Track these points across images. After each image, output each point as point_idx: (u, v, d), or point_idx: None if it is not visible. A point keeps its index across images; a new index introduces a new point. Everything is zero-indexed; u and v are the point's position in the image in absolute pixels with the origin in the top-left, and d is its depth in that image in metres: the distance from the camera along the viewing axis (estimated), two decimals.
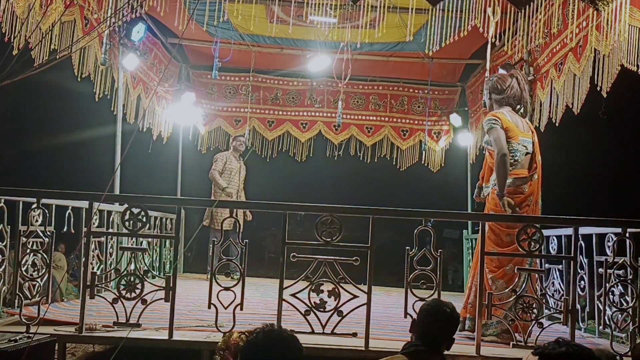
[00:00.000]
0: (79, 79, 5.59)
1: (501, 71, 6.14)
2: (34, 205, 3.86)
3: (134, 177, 8.33)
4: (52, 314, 4.07)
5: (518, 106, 4.41)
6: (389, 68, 8.20)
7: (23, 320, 3.68)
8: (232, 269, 6.93)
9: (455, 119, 8.26)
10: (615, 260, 3.95)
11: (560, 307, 3.84)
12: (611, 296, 3.98)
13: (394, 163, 8.72)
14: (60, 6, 4.82)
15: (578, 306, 4.48)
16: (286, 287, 3.70)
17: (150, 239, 6.37)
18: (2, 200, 3.99)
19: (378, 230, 3.86)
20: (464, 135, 8.34)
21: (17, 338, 3.03)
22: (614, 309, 4.01)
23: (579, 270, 4.35)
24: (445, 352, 2.73)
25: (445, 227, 13.98)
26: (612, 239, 3.99)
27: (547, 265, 5.13)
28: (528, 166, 4.26)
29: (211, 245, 7.08)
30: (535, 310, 3.77)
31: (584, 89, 4.81)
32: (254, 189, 8.39)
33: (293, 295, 3.72)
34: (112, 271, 5.07)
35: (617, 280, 3.95)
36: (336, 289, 3.72)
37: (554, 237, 4.94)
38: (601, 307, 4.23)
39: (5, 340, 2.98)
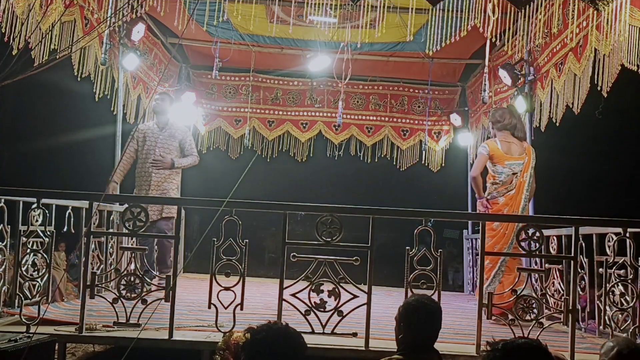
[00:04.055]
0: (79, 79, 5.58)
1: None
2: (34, 205, 3.86)
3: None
4: (52, 314, 4.07)
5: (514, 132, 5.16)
6: (389, 68, 8.19)
7: (23, 320, 3.67)
8: (157, 266, 6.21)
9: (456, 119, 8.26)
10: (615, 260, 3.95)
11: (561, 307, 3.84)
12: (611, 296, 3.98)
13: (394, 163, 8.70)
14: (60, 6, 4.82)
15: (578, 306, 4.48)
16: (286, 287, 3.69)
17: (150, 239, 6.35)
18: (2, 200, 3.99)
19: (378, 230, 3.87)
20: (464, 135, 8.34)
21: (17, 338, 3.03)
22: (614, 309, 4.01)
23: (579, 270, 4.34)
24: (445, 352, 2.73)
25: (445, 227, 14.00)
26: (613, 239, 3.99)
27: (547, 265, 5.13)
28: (509, 182, 5.04)
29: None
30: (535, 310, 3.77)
31: (584, 89, 4.81)
32: (254, 189, 8.37)
33: (293, 295, 3.71)
34: (112, 271, 5.07)
35: (617, 280, 3.95)
36: (336, 289, 3.71)
37: (554, 237, 4.94)
38: (601, 307, 4.23)
39: (5, 340, 2.98)
